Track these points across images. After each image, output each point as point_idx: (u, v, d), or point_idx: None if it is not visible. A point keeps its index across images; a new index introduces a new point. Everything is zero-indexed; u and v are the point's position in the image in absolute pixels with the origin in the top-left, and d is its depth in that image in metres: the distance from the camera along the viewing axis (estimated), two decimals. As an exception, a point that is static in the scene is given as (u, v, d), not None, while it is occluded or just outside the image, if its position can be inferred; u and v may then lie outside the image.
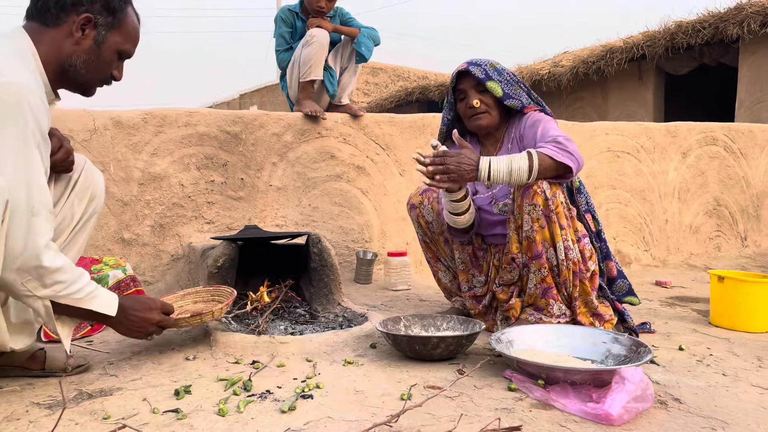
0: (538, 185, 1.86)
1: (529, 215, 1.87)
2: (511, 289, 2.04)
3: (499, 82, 2.05)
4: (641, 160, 4.05)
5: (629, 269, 3.76)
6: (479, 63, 2.07)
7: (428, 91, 10.47)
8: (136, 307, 1.59)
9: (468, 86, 2.08)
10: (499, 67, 2.09)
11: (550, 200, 1.85)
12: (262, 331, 1.97)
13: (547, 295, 1.93)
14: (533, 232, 1.88)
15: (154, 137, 2.73)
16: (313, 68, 3.10)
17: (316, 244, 2.34)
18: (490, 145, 2.15)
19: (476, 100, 2.06)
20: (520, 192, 1.89)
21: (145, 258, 2.70)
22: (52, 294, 1.38)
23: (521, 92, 2.08)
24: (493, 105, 2.07)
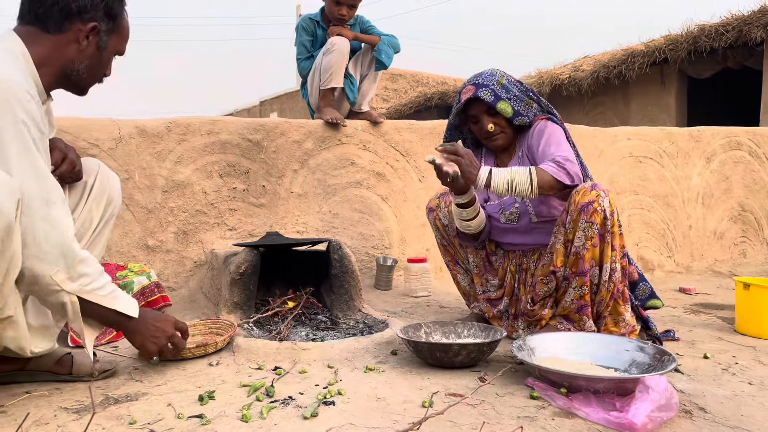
0: (598, 203, 1.81)
1: (584, 232, 1.84)
2: (548, 301, 2.01)
3: (508, 100, 2.02)
4: (664, 165, 4.00)
5: (652, 275, 3.71)
6: (486, 84, 2.02)
7: (447, 96, 10.47)
8: (155, 316, 1.62)
9: (479, 111, 2.05)
10: (505, 83, 2.04)
11: (608, 219, 1.82)
12: (284, 337, 1.98)
13: (583, 311, 1.92)
14: (584, 249, 1.85)
15: (177, 145, 2.77)
16: (334, 76, 3.12)
17: (336, 251, 2.36)
18: (504, 156, 2.15)
19: (490, 125, 2.04)
20: (578, 207, 1.84)
21: (169, 264, 2.74)
22: (79, 288, 1.39)
23: (530, 105, 2.06)
24: (506, 124, 2.06)
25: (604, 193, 1.83)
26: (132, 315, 1.53)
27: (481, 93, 1.99)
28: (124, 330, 1.56)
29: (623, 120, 7.94)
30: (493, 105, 1.99)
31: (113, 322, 1.52)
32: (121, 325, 1.54)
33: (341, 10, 3.16)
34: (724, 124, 4.47)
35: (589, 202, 1.82)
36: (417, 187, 3.34)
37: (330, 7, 3.18)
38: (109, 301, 1.46)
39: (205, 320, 2.11)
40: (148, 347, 1.59)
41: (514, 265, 2.13)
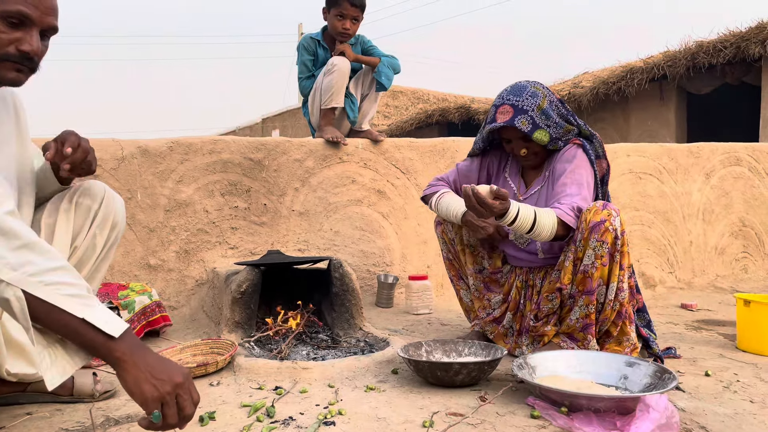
0: (610, 222, 1.80)
1: (594, 251, 1.83)
2: (551, 317, 2.01)
3: (546, 128, 1.95)
4: (664, 181, 4.01)
5: (654, 292, 3.71)
6: (526, 109, 1.94)
7: (448, 113, 10.52)
8: (160, 357, 1.18)
9: (513, 136, 2.00)
10: (546, 107, 1.96)
11: (619, 239, 1.82)
12: (285, 356, 1.98)
13: (587, 330, 1.91)
14: (593, 268, 1.84)
15: (179, 165, 2.79)
16: (335, 96, 3.15)
17: (337, 269, 2.36)
18: (531, 170, 2.13)
19: (523, 150, 2.01)
20: (589, 225, 1.82)
21: (171, 283, 2.74)
22: (21, 278, 1.07)
23: (569, 131, 1.99)
24: (541, 149, 2.02)
25: (616, 212, 1.82)
26: (111, 333, 1.12)
27: (518, 122, 1.93)
28: (109, 360, 1.14)
29: (623, 135, 7.97)
30: (530, 135, 1.94)
31: (90, 343, 1.12)
32: (103, 350, 1.12)
33: (345, 24, 3.20)
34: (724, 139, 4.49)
35: (601, 221, 1.80)
36: (418, 204, 3.35)
37: (333, 22, 3.22)
38: (73, 305, 1.10)
39: (206, 340, 2.11)
40: (145, 390, 1.11)
41: (521, 281, 2.13)
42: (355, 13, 3.21)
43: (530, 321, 2.04)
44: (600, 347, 1.96)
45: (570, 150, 1.97)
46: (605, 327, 1.92)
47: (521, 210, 1.79)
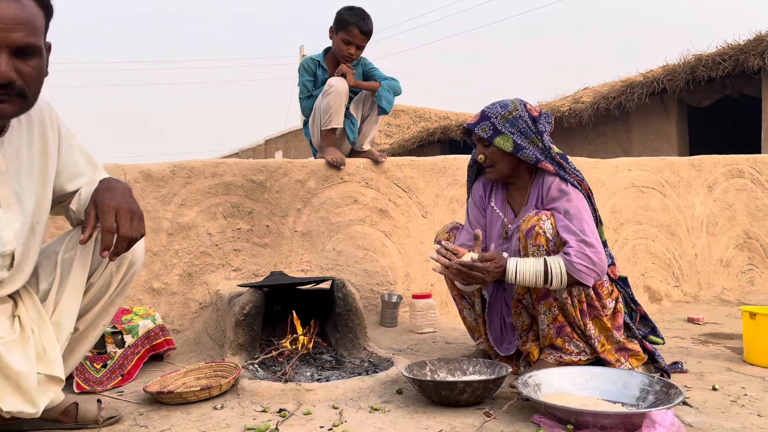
0: (540, 226, 1.86)
1: (534, 256, 1.88)
2: (529, 335, 2.03)
3: (511, 134, 1.96)
4: (666, 194, 4.01)
5: (660, 306, 3.69)
6: (489, 116, 1.99)
7: (449, 131, 10.58)
8: None
9: (475, 139, 2.06)
10: (514, 116, 1.98)
11: (551, 240, 1.86)
12: (289, 378, 1.98)
13: (562, 333, 1.92)
14: None
15: (182, 188, 2.81)
16: (333, 116, 3.18)
17: (340, 289, 2.37)
18: (516, 195, 2.11)
19: (481, 155, 2.03)
20: (524, 232, 1.89)
21: (174, 307, 2.75)
22: None
23: (535, 143, 1.98)
24: (502, 158, 2.00)
25: (546, 216, 1.88)
26: None
27: (477, 128, 1.99)
28: None
29: (626, 149, 7.99)
30: (489, 141, 1.98)
31: None
32: None
33: (350, 49, 3.24)
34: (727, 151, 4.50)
35: (531, 226, 1.87)
36: (420, 222, 3.36)
37: (339, 45, 3.26)
38: None
39: (210, 363, 2.11)
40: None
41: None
42: (362, 42, 3.26)
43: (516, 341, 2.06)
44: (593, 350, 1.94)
45: (555, 183, 1.95)
46: (582, 327, 1.92)
47: (519, 266, 1.86)
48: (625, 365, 1.96)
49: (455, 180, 3.46)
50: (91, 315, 1.59)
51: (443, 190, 3.45)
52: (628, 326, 2.02)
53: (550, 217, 1.88)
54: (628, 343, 1.98)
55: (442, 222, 3.33)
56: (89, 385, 2.01)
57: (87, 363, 2.06)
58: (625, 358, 1.98)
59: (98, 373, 2.06)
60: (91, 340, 1.65)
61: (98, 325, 1.64)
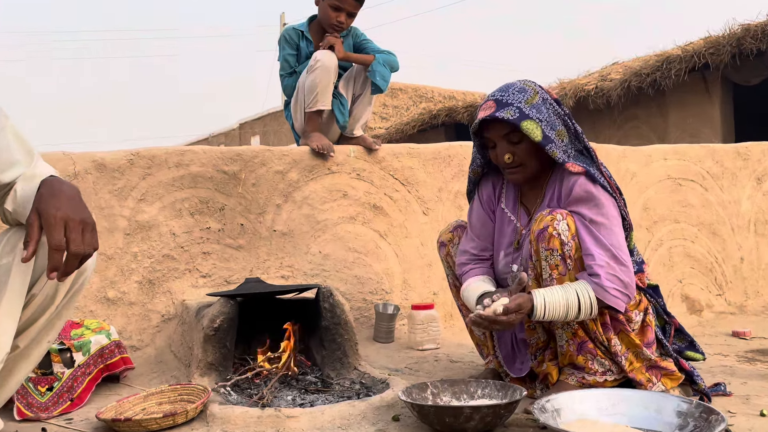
0: (554, 227, 1.85)
1: (547, 261, 1.88)
2: (545, 353, 2.04)
3: (538, 121, 1.90)
4: (708, 188, 4.03)
5: (700, 317, 3.71)
6: (510, 101, 1.92)
7: (455, 113, 10.58)
8: None
9: (496, 135, 1.97)
10: (538, 101, 1.93)
11: (567, 244, 1.86)
12: (267, 402, 1.99)
13: (584, 350, 1.93)
14: (552, 281, 1.89)
15: (141, 181, 2.81)
16: (320, 97, 3.17)
17: (327, 299, 2.37)
18: (531, 194, 2.11)
19: (508, 155, 1.95)
20: (535, 234, 1.89)
21: (132, 319, 2.75)
22: None
23: (562, 137, 1.94)
24: (531, 154, 1.95)
25: (562, 215, 1.87)
26: None
27: (501, 113, 1.89)
28: None
29: (660, 136, 8.00)
30: (517, 125, 1.88)
31: None
32: None
33: (340, 17, 3.23)
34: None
35: (544, 227, 1.87)
36: (421, 221, 3.36)
37: (326, 12, 3.24)
38: None
39: (174, 386, 2.12)
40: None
41: None
42: (353, 8, 3.24)
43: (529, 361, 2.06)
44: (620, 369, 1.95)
45: (580, 183, 1.90)
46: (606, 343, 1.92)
47: (547, 304, 1.84)
48: (657, 386, 1.97)
49: (462, 171, 3.46)
50: (34, 330, 1.59)
51: (448, 183, 3.45)
52: (660, 342, 2.03)
53: (566, 216, 1.87)
54: (661, 361, 1.99)
55: (446, 220, 3.33)
56: (32, 412, 2.00)
57: (30, 386, 2.05)
58: (658, 378, 1.98)
59: (43, 397, 2.05)
60: (34, 359, 1.65)
61: (42, 341, 1.63)
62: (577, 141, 1.99)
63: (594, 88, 8.22)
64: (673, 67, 7.45)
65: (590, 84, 8.33)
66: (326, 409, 1.89)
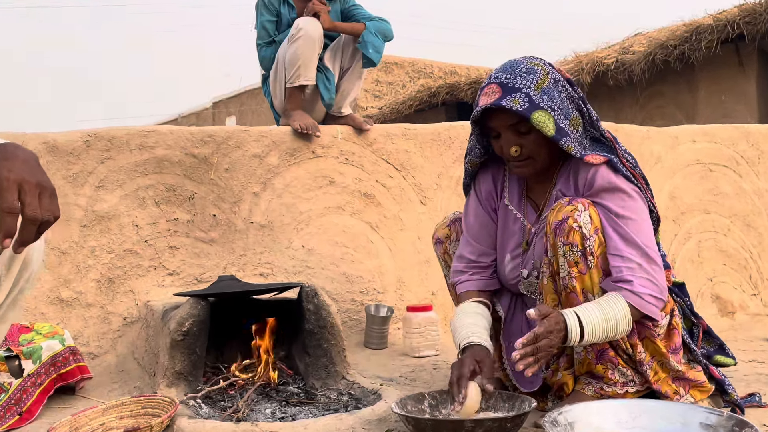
0: (574, 218, 1.82)
1: (566, 258, 1.86)
2: (560, 361, 2.03)
3: (550, 111, 1.85)
4: (742, 174, 4.04)
5: (732, 320, 3.72)
6: (517, 85, 1.86)
7: (458, 90, 10.56)
8: None
9: (501, 125, 1.91)
10: (549, 84, 1.88)
11: (589, 239, 1.83)
12: (243, 416, 1.98)
13: (604, 358, 1.93)
14: (572, 279, 1.87)
15: (99, 165, 2.79)
16: (303, 70, 3.16)
17: (311, 299, 2.37)
18: (538, 188, 2.08)
19: (515, 148, 1.90)
20: (552, 226, 1.86)
21: (90, 323, 2.74)
22: None
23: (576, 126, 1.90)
24: (541, 145, 1.91)
25: (583, 205, 1.83)
26: None
27: (508, 102, 1.84)
28: None
29: (689, 115, 8.02)
30: (527, 116, 1.83)
31: None
32: None
33: None
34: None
35: (563, 219, 1.83)
36: (418, 211, 3.36)
37: None
38: None
39: (138, 397, 2.11)
40: None
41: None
42: None
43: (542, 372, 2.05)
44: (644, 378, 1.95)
45: (601, 173, 1.89)
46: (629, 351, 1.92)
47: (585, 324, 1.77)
48: (686, 399, 1.97)
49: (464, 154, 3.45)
50: None
51: (448, 168, 3.45)
52: (688, 347, 2.03)
53: (589, 207, 1.84)
54: (689, 371, 1.99)
55: (447, 210, 3.33)
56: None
57: (-28, 398, 2.05)
58: (686, 390, 1.99)
59: (-13, 411, 2.05)
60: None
61: None
62: (592, 128, 1.97)
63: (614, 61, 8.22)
64: (704, 38, 7.45)
65: (610, 57, 8.32)
66: (310, 423, 1.89)
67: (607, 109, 8.64)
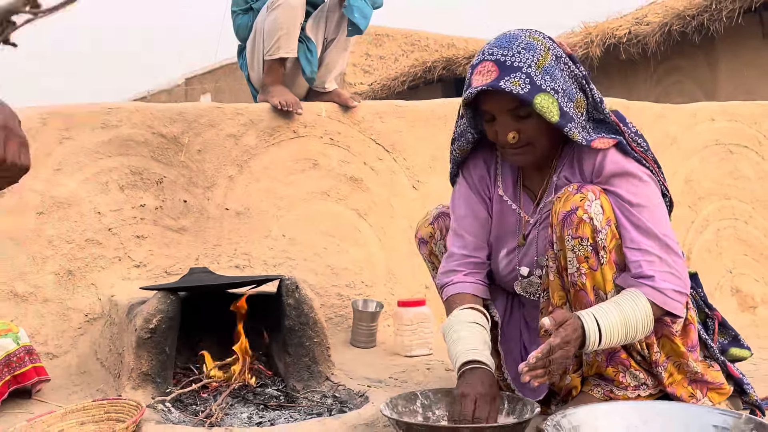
0: (583, 209, 1.79)
1: (575, 253, 1.84)
2: None
3: (554, 94, 1.80)
4: (765, 156, 4.05)
5: (754, 315, 3.74)
6: (516, 63, 1.80)
7: (455, 65, 10.57)
8: None
9: (497, 108, 1.86)
10: (550, 62, 1.83)
11: (600, 231, 1.82)
12: (216, 421, 1.99)
13: (614, 360, 1.93)
14: (582, 276, 1.85)
15: (58, 146, 2.78)
16: (283, 41, 3.14)
17: (291, 293, 2.37)
18: (535, 175, 2.06)
19: (512, 134, 1.85)
20: (560, 217, 1.84)
21: (48, 319, 2.73)
22: None
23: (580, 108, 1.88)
24: (542, 131, 1.87)
25: (594, 194, 1.81)
26: None
27: (506, 83, 1.78)
28: None
29: (708, 91, 8.03)
30: (529, 100, 1.78)
31: None
32: None
33: None
34: None
35: (571, 209, 1.81)
36: (410, 196, 3.36)
37: None
38: None
39: (101, 401, 2.11)
40: None
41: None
42: None
43: None
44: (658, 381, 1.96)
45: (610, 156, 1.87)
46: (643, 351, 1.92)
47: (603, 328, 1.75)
48: (703, 401, 1.98)
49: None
50: None
51: (443, 150, 3.42)
52: (704, 343, 2.03)
53: (600, 195, 1.82)
54: (707, 371, 1.99)
55: (441, 196, 3.32)
56: None
57: None
58: (703, 393, 1.99)
59: (-66, 416, 2.04)
60: None
61: None
62: (596, 111, 1.94)
63: (627, 33, 8.22)
64: (725, 7, 7.46)
65: (622, 28, 8.32)
66: (290, 428, 1.91)
67: (619, 85, 8.65)
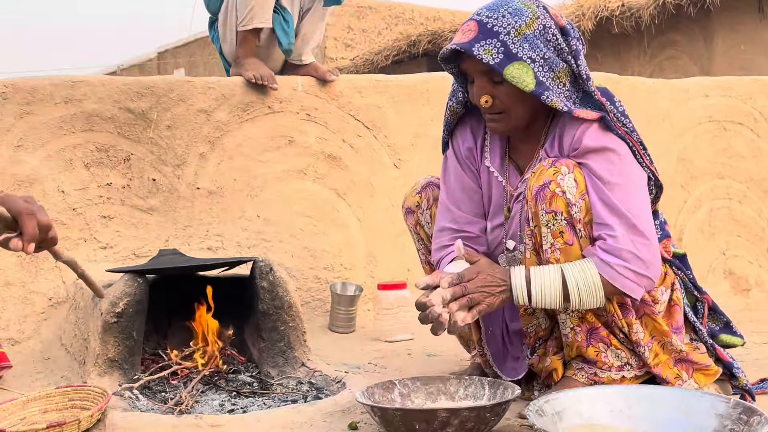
0: (556, 182, 1.82)
1: (549, 228, 1.86)
2: (547, 345, 2.05)
3: (530, 62, 1.85)
4: (761, 133, 4.06)
5: (747, 298, 3.77)
6: (496, 27, 1.85)
7: (441, 38, 10.54)
8: None
9: (473, 69, 1.92)
10: (534, 31, 1.87)
11: (574, 205, 1.84)
12: (186, 409, 1.99)
13: (594, 338, 1.94)
14: (557, 252, 1.87)
15: (18, 120, 2.76)
16: (257, 11, 3.13)
17: (265, 276, 2.36)
18: (523, 147, 2.08)
19: (485, 98, 1.91)
20: (533, 192, 1.86)
21: (9, 304, 2.72)
22: None
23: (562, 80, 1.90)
24: (517, 99, 1.90)
25: (568, 167, 1.84)
26: None
27: (480, 48, 1.84)
28: None
29: (704, 66, 8.06)
30: (498, 69, 1.83)
31: None
32: None
33: None
34: None
35: (544, 183, 1.84)
36: (391, 175, 3.36)
37: None
38: None
39: (64, 388, 2.11)
40: None
41: None
42: None
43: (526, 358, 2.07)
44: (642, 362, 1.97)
45: (590, 132, 1.89)
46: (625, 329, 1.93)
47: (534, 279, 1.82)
48: (688, 384, 2.00)
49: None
50: None
51: (426, 127, 3.44)
52: (692, 325, 2.05)
53: (573, 169, 1.85)
54: (692, 352, 2.02)
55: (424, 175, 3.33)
56: None
57: None
58: (689, 374, 2.01)
59: None
60: None
61: None
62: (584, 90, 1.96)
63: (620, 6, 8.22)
64: (721, -22, 7.47)
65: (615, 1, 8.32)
66: (263, 415, 1.91)
67: (611, 60, 8.66)
